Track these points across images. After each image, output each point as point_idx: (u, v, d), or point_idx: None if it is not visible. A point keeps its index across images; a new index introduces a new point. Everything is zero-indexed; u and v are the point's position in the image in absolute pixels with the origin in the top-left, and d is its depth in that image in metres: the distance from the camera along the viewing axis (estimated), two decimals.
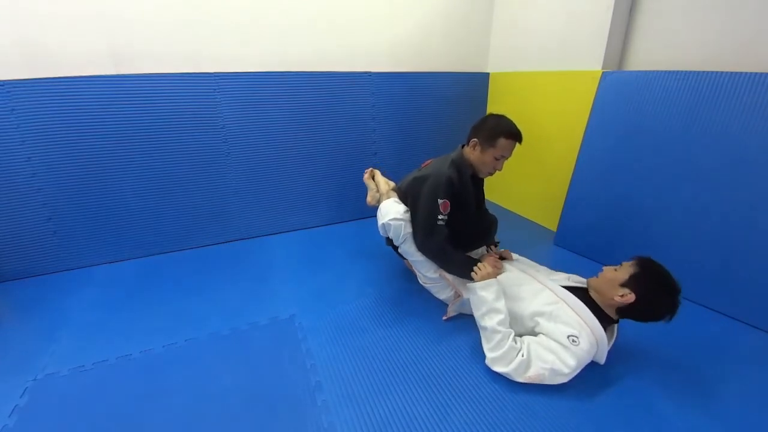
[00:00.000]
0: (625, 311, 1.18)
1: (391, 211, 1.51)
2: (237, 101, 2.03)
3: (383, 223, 1.51)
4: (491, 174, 1.51)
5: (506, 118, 1.45)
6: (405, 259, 1.66)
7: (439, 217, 1.39)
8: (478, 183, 1.60)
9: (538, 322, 1.21)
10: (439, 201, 1.39)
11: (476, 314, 1.31)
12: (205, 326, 1.47)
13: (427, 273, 1.51)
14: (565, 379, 1.13)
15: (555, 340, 1.14)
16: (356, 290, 1.70)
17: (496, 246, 1.68)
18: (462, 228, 1.49)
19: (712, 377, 1.20)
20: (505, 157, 1.45)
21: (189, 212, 2.09)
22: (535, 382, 1.15)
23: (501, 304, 1.26)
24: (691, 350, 1.31)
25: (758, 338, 1.37)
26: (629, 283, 1.14)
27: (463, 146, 1.53)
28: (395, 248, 1.67)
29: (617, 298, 1.16)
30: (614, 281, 1.16)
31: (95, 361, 1.30)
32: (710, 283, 1.52)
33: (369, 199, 1.85)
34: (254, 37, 2.04)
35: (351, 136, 2.37)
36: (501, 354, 1.18)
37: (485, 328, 1.25)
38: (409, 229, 1.49)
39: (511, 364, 1.16)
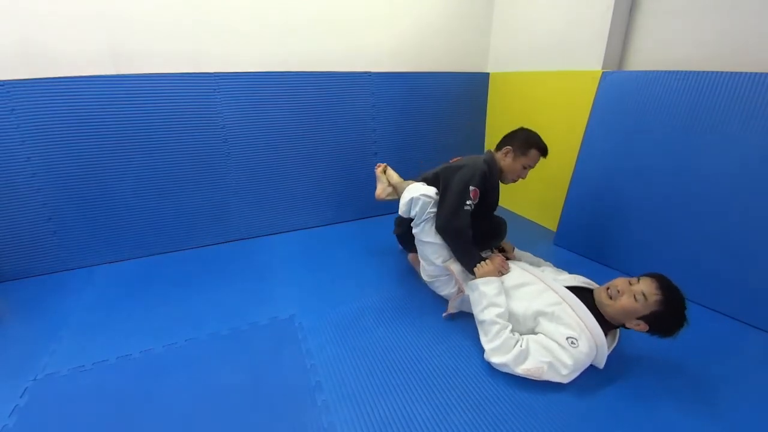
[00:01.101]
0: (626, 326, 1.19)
1: (422, 188, 1.52)
2: (237, 101, 2.03)
3: (412, 197, 1.49)
4: (515, 181, 1.61)
5: (536, 132, 1.58)
6: (409, 252, 1.66)
7: (467, 202, 1.44)
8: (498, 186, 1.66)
9: (540, 321, 1.22)
10: (471, 187, 1.44)
11: (476, 310, 1.32)
12: (205, 326, 1.47)
13: (436, 260, 1.50)
14: (563, 380, 1.13)
15: (554, 341, 1.14)
16: (356, 290, 1.70)
17: (501, 251, 1.70)
18: (479, 226, 1.51)
19: (715, 378, 1.20)
20: (531, 167, 1.58)
21: (189, 212, 2.09)
22: (533, 376, 1.14)
23: (501, 299, 1.28)
24: (693, 351, 1.30)
25: (761, 339, 1.37)
26: (647, 318, 1.13)
27: (491, 151, 1.61)
28: (400, 237, 1.68)
29: (629, 325, 1.16)
30: (633, 314, 1.14)
31: (95, 361, 1.30)
32: (711, 283, 1.52)
33: (378, 191, 1.88)
34: (254, 37, 2.04)
35: (351, 136, 2.36)
36: (499, 344, 1.19)
37: (483, 321, 1.26)
38: (434, 210, 1.50)
39: (509, 354, 1.16)
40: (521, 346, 1.16)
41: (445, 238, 1.48)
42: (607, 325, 1.19)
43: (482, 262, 1.40)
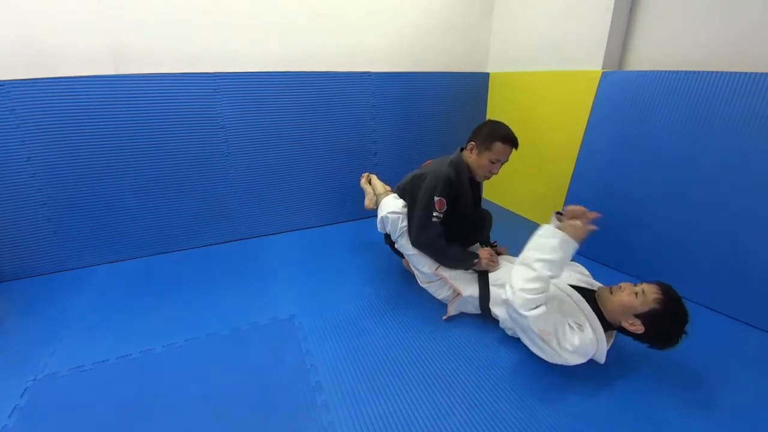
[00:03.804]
0: (624, 332, 1.17)
1: (390, 205, 1.57)
2: (237, 101, 2.03)
3: (381, 217, 1.58)
4: (487, 178, 1.54)
5: (504, 124, 1.49)
6: (403, 257, 1.67)
7: (434, 214, 1.43)
8: (475, 185, 1.63)
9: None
10: (435, 198, 1.43)
11: (532, 259, 1.17)
12: (205, 326, 1.47)
13: (423, 268, 1.53)
14: (563, 356, 1.11)
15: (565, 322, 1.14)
16: (356, 290, 1.70)
17: (494, 246, 1.69)
18: (458, 226, 1.52)
19: (714, 378, 1.20)
20: (500, 162, 1.48)
21: (189, 212, 2.09)
22: (542, 335, 1.10)
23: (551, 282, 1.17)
24: (693, 351, 1.29)
25: (761, 339, 1.37)
26: (644, 317, 1.11)
27: (462, 149, 1.56)
28: (392, 246, 1.68)
29: (625, 324, 1.14)
30: (630, 310, 1.12)
31: (95, 361, 1.30)
32: (712, 283, 1.52)
33: (367, 202, 1.90)
34: (254, 37, 2.04)
35: (351, 136, 2.36)
36: (530, 294, 1.09)
37: (532, 269, 1.13)
38: (406, 223, 1.53)
39: (536, 309, 1.09)
40: (544, 308, 1.10)
41: (422, 252, 1.51)
42: (605, 324, 1.18)
43: (480, 251, 1.45)
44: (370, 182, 1.98)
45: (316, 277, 1.83)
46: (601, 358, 1.17)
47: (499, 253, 1.57)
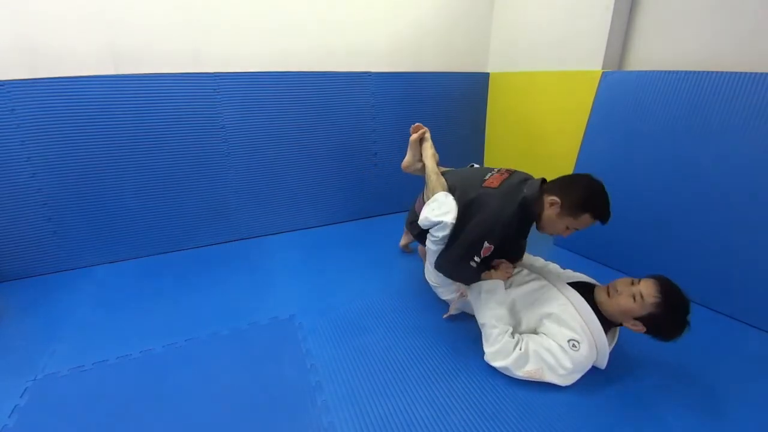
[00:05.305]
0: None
1: (455, 212, 1.31)
2: (237, 101, 2.03)
3: (444, 222, 1.28)
4: (551, 234, 1.33)
5: (603, 192, 1.20)
6: (420, 244, 1.57)
7: (475, 258, 1.26)
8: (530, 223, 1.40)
9: (544, 323, 1.22)
10: (486, 244, 1.24)
11: (477, 312, 1.32)
12: (205, 326, 1.47)
13: (439, 275, 1.46)
14: (561, 381, 1.13)
15: (555, 342, 1.15)
16: (356, 290, 1.70)
17: None
18: (498, 255, 1.38)
19: (715, 379, 1.20)
20: (576, 230, 1.25)
21: (189, 212, 2.09)
22: (533, 378, 1.15)
23: (502, 301, 1.28)
24: (693, 351, 1.30)
25: (760, 339, 1.37)
26: (645, 320, 1.11)
27: (542, 185, 1.29)
28: (413, 233, 1.60)
29: (627, 325, 1.15)
30: (629, 313, 1.13)
31: (95, 361, 1.30)
32: (712, 283, 1.52)
33: (405, 163, 1.66)
34: (254, 37, 2.04)
35: (351, 136, 2.36)
36: (498, 348, 1.19)
37: (484, 324, 1.27)
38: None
39: (509, 358, 1.16)
40: (521, 349, 1.16)
41: (444, 275, 1.40)
42: (607, 323, 1.18)
43: (490, 272, 1.36)
44: (421, 142, 1.67)
45: (317, 276, 1.83)
46: (602, 364, 1.16)
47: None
